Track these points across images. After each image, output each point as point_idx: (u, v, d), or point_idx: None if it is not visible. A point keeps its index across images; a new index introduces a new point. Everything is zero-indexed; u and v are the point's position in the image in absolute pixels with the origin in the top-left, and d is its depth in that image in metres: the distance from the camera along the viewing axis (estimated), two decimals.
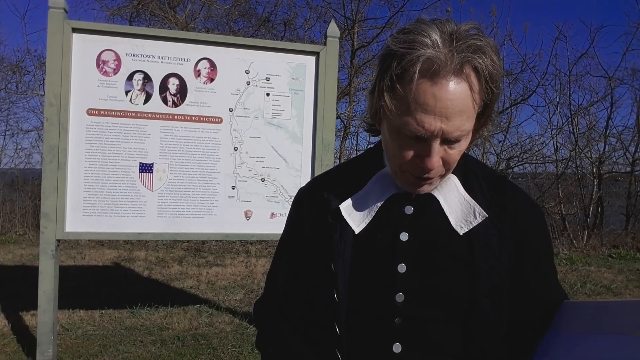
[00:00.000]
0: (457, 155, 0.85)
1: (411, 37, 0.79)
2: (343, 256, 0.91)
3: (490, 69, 0.79)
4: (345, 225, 0.93)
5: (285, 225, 1.07)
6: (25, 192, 9.02)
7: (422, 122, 0.79)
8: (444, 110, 0.78)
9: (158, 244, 7.33)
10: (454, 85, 0.78)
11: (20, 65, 9.26)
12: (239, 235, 3.46)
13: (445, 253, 0.89)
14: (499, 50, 0.84)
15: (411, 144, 0.83)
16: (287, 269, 1.03)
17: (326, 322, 0.91)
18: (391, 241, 0.91)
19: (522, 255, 0.91)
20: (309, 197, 1.02)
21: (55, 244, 3.12)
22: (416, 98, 0.79)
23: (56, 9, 3.06)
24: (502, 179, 0.97)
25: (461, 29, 0.79)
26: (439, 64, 0.77)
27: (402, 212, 0.93)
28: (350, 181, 0.98)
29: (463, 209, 0.91)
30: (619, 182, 9.84)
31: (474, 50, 0.78)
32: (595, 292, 5.48)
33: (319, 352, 0.93)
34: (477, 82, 0.79)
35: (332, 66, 3.48)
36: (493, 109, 0.86)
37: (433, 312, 0.89)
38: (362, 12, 9.10)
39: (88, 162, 3.18)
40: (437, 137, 0.80)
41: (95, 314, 4.21)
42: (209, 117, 3.34)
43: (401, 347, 0.88)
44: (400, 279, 0.89)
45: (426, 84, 0.78)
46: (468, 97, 0.79)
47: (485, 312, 0.87)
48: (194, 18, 9.63)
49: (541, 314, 0.89)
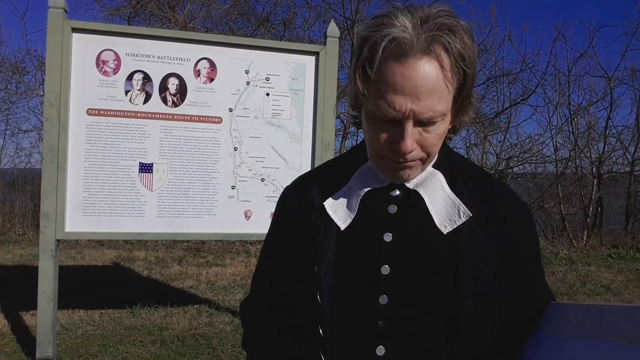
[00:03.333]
0: (434, 138, 0.84)
1: (379, 21, 0.79)
2: (327, 258, 0.90)
3: (459, 48, 0.78)
4: (329, 224, 0.92)
5: (270, 224, 1.06)
6: (25, 192, 9.02)
7: (392, 103, 0.79)
8: (414, 90, 0.77)
9: (158, 244, 7.33)
10: (422, 65, 0.77)
11: (20, 66, 9.27)
12: (239, 235, 3.46)
13: (430, 254, 0.88)
14: (472, 33, 0.83)
15: (386, 128, 0.82)
16: (272, 269, 1.02)
17: (310, 324, 0.91)
18: (375, 242, 0.90)
19: (508, 255, 0.89)
20: (293, 195, 1.01)
21: (55, 243, 3.12)
22: (386, 79, 0.78)
23: (56, 8, 3.06)
24: (489, 178, 0.95)
25: (432, 11, 0.79)
26: (407, 44, 0.76)
27: (385, 211, 0.91)
28: (335, 178, 0.97)
29: (447, 208, 0.90)
30: (619, 182, 9.85)
31: (441, 28, 0.77)
32: (595, 292, 5.48)
33: (304, 354, 0.92)
34: (447, 61, 0.78)
35: (332, 66, 3.48)
36: (470, 92, 0.85)
37: (418, 314, 0.87)
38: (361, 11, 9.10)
39: (88, 162, 3.18)
40: (409, 118, 0.80)
41: (95, 314, 4.21)
42: (209, 117, 3.34)
43: (385, 350, 0.87)
44: (384, 281, 0.88)
45: (395, 64, 0.77)
46: (438, 77, 0.78)
47: (470, 314, 0.85)
48: (194, 18, 9.63)
49: (528, 314, 0.88)
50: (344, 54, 9.14)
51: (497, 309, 0.87)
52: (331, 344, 0.89)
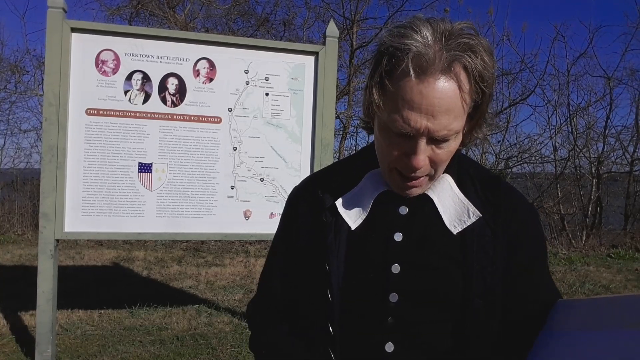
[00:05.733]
0: (445, 155, 0.85)
1: (402, 32, 0.79)
2: (337, 256, 0.91)
3: (480, 69, 0.78)
4: (340, 223, 0.93)
5: (279, 224, 1.06)
6: (25, 192, 9.00)
7: (408, 120, 0.79)
8: (431, 108, 0.77)
9: (157, 244, 7.33)
10: (441, 84, 0.77)
11: (19, 65, 9.26)
12: (238, 235, 3.46)
13: (439, 253, 0.89)
14: (493, 49, 0.83)
15: (398, 141, 0.83)
16: (281, 269, 1.02)
17: (319, 322, 0.91)
18: (385, 241, 0.91)
19: (516, 255, 0.90)
20: (303, 195, 1.02)
21: (54, 243, 3.11)
22: (403, 95, 0.78)
23: (55, 8, 3.06)
24: (497, 179, 0.96)
25: (454, 27, 0.78)
26: (428, 61, 0.76)
27: (396, 212, 0.92)
28: (345, 179, 0.98)
29: (457, 209, 0.91)
30: (618, 182, 9.86)
31: (464, 48, 0.77)
32: (594, 291, 5.49)
33: (313, 353, 0.93)
34: (466, 81, 0.78)
35: (331, 66, 3.48)
36: (486, 110, 0.85)
37: (426, 312, 0.88)
38: (360, 12, 9.11)
39: (87, 161, 3.18)
40: (423, 135, 0.80)
41: (94, 314, 4.20)
42: (208, 117, 3.34)
43: (393, 347, 0.88)
44: (394, 279, 0.89)
45: (414, 81, 0.77)
46: (456, 96, 0.78)
47: (478, 312, 0.86)
48: (193, 18, 9.63)
49: (536, 313, 0.89)
50: (343, 54, 9.14)
51: (504, 308, 0.88)
52: (340, 341, 0.90)
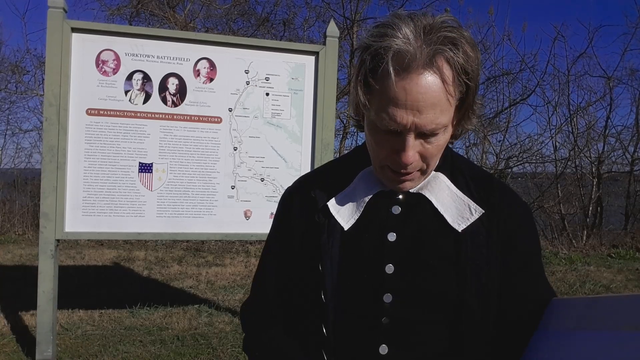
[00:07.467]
0: (435, 149, 0.84)
1: (382, 31, 0.78)
2: (331, 257, 0.90)
3: (462, 62, 0.78)
4: (333, 224, 0.92)
5: (272, 225, 1.05)
6: (25, 192, 9.01)
7: (394, 116, 0.79)
8: (416, 104, 0.77)
9: (157, 243, 7.33)
10: (424, 78, 0.77)
11: (19, 65, 9.27)
12: (239, 235, 3.46)
13: (434, 253, 0.89)
14: (476, 43, 0.82)
15: (387, 138, 0.83)
16: (274, 270, 1.02)
17: (313, 323, 0.91)
18: (379, 241, 0.90)
19: (510, 254, 0.90)
20: (296, 195, 1.01)
21: (55, 243, 3.12)
22: (387, 93, 0.78)
23: (55, 8, 3.06)
24: (490, 178, 0.96)
25: (436, 21, 0.78)
26: (409, 57, 0.76)
27: (389, 212, 0.92)
28: (338, 179, 0.97)
29: (457, 206, 0.91)
30: (618, 181, 9.85)
31: (445, 42, 0.76)
32: (594, 291, 5.48)
33: (307, 354, 0.92)
34: (450, 74, 0.78)
35: (332, 66, 3.48)
36: (473, 102, 0.84)
37: (421, 312, 0.88)
38: (361, 11, 9.11)
39: (87, 162, 3.18)
40: (410, 130, 0.80)
41: (94, 314, 4.20)
42: (209, 116, 3.34)
43: (387, 349, 0.88)
44: (388, 279, 0.88)
45: (396, 77, 0.77)
46: (440, 90, 0.78)
47: (473, 312, 0.86)
48: (194, 18, 9.63)
49: (530, 312, 0.89)
50: (343, 54, 9.15)
51: (499, 307, 0.88)
52: (334, 342, 0.89)
